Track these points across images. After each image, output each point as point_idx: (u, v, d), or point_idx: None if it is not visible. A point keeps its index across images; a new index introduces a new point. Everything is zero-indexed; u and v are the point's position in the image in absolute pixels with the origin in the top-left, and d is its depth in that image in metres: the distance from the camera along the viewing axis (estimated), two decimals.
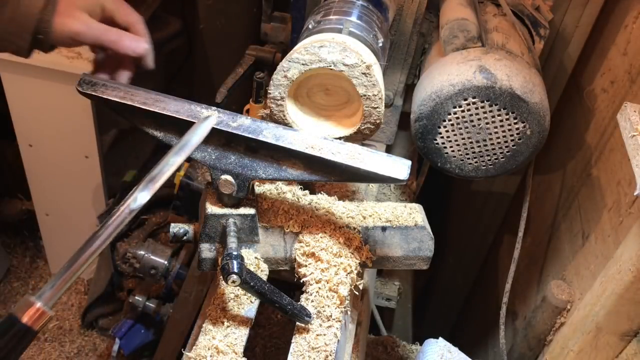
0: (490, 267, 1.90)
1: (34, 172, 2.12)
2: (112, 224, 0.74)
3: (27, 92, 1.91)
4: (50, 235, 2.35)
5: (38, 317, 0.66)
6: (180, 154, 0.80)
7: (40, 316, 0.66)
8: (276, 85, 0.92)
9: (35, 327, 0.66)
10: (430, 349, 1.07)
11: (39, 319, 0.66)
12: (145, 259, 1.88)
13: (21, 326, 0.65)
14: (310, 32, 1.02)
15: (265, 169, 0.86)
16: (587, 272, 1.19)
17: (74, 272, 0.70)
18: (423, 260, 0.96)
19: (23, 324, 0.65)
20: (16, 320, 0.65)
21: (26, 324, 0.66)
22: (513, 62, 1.10)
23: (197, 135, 0.83)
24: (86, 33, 0.86)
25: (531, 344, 1.30)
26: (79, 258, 0.71)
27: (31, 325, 0.66)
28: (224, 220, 0.88)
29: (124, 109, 0.86)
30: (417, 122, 1.14)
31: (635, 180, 0.83)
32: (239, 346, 0.82)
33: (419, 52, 1.34)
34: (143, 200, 0.76)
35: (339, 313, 0.85)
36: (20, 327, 0.65)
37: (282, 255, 0.93)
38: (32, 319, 0.66)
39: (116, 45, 0.88)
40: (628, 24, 1.27)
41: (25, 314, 0.66)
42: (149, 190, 0.77)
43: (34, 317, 0.66)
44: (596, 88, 1.37)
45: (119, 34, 0.89)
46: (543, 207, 1.56)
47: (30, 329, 0.66)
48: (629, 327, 0.96)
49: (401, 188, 1.39)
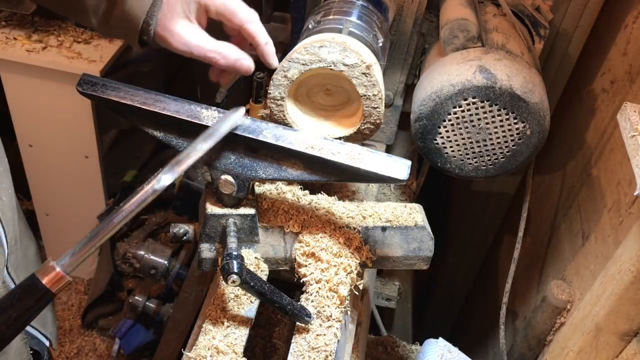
0: (490, 267, 1.90)
1: (34, 172, 2.13)
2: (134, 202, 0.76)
3: (27, 92, 1.91)
4: (50, 235, 2.36)
5: (57, 281, 0.70)
6: (208, 141, 0.81)
7: (59, 280, 0.70)
8: (276, 85, 0.92)
9: (53, 289, 0.70)
10: (430, 349, 1.07)
11: (58, 283, 0.70)
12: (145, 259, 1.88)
13: (41, 287, 0.69)
14: (310, 32, 1.02)
15: (265, 169, 0.86)
16: (587, 272, 1.19)
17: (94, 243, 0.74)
18: (423, 260, 0.96)
19: (43, 286, 0.69)
20: (37, 281, 0.69)
21: (46, 285, 0.69)
22: (513, 62, 1.10)
23: (227, 124, 0.83)
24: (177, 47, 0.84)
25: (531, 344, 1.30)
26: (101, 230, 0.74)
27: (50, 288, 0.70)
28: (224, 220, 0.88)
29: (124, 109, 0.86)
30: (417, 122, 1.14)
31: (635, 180, 0.83)
32: (239, 346, 0.82)
33: (419, 52, 1.34)
34: (167, 182, 0.78)
35: (339, 313, 0.85)
36: (41, 288, 0.69)
37: (282, 255, 0.93)
38: (51, 281, 0.70)
39: (213, 63, 0.85)
40: (628, 24, 1.27)
41: (45, 277, 0.70)
42: (173, 172, 0.79)
43: (53, 281, 0.70)
44: (596, 88, 1.37)
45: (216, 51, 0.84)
46: (543, 207, 1.56)
47: (49, 291, 0.70)
48: (629, 327, 0.96)
49: (401, 188, 1.39)
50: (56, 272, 0.70)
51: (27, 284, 0.70)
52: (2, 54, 1.81)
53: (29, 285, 0.70)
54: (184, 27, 0.83)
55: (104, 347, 2.33)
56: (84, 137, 1.98)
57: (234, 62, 0.84)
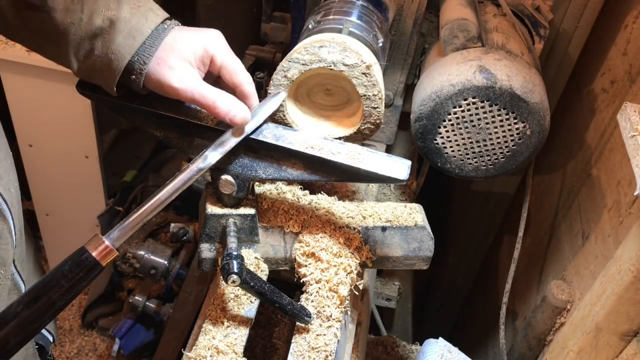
0: (490, 267, 1.90)
1: (34, 172, 2.13)
2: (180, 179, 0.79)
3: (27, 92, 1.91)
4: (50, 235, 2.36)
5: (106, 254, 0.72)
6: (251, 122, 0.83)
7: (108, 253, 0.72)
8: (276, 85, 0.92)
9: (102, 262, 0.72)
10: (430, 349, 1.07)
11: (107, 256, 0.72)
12: (145, 259, 1.88)
13: (91, 259, 0.71)
14: (310, 32, 1.02)
15: (265, 169, 0.86)
16: (587, 272, 1.19)
17: (141, 217, 0.76)
18: (423, 260, 0.96)
19: (93, 258, 0.71)
20: (87, 253, 0.71)
21: (95, 258, 0.71)
22: (513, 62, 1.10)
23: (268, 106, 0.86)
24: (180, 88, 0.79)
25: (531, 344, 1.30)
26: (147, 204, 0.76)
27: (99, 260, 0.72)
28: (224, 220, 0.88)
29: (124, 109, 0.86)
30: (417, 122, 1.14)
31: (635, 180, 0.83)
32: (239, 346, 0.82)
33: (419, 52, 1.34)
34: (213, 160, 0.81)
35: (339, 313, 0.85)
36: (90, 260, 0.71)
37: (282, 255, 0.93)
38: (100, 254, 0.72)
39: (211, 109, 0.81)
40: (628, 24, 1.27)
41: (95, 249, 0.71)
42: (218, 151, 0.82)
43: (103, 253, 0.72)
44: (596, 88, 1.37)
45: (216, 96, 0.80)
46: (543, 207, 1.56)
47: (98, 263, 0.72)
48: (629, 327, 0.96)
49: (401, 188, 1.39)
50: (105, 245, 0.72)
51: (78, 257, 0.71)
52: (2, 54, 1.81)
53: (80, 257, 0.71)
54: (184, 67, 0.80)
55: (104, 347, 2.33)
56: (84, 137, 1.98)
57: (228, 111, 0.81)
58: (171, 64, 0.79)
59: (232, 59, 0.84)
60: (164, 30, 0.80)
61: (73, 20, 0.76)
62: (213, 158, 0.81)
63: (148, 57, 0.78)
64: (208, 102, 0.80)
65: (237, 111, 0.81)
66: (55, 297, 0.70)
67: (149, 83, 0.80)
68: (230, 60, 0.83)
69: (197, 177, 0.80)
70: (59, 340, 2.32)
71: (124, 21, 0.76)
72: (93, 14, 0.76)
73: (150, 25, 0.78)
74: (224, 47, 0.84)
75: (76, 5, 0.76)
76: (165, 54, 0.79)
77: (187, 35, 0.81)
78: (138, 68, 0.78)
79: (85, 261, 0.71)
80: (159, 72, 0.79)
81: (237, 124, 0.82)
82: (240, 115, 0.81)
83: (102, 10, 0.76)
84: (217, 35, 0.84)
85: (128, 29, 0.76)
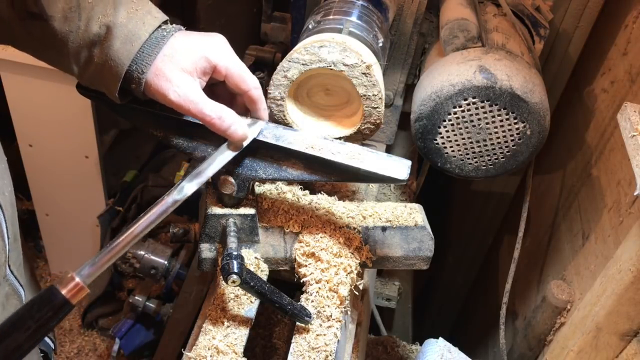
0: (490, 267, 1.90)
1: (34, 172, 2.12)
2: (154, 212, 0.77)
3: (27, 92, 1.91)
4: (50, 235, 2.36)
5: (77, 292, 0.70)
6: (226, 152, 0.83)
7: (78, 291, 0.70)
8: (276, 85, 0.92)
9: (73, 300, 0.69)
10: (430, 349, 1.07)
11: (77, 294, 0.70)
12: (145, 259, 1.88)
13: (60, 298, 0.69)
14: (310, 32, 1.02)
15: (265, 169, 0.86)
16: (587, 272, 1.19)
17: (113, 254, 0.73)
18: (423, 260, 0.96)
19: (62, 296, 0.69)
20: (56, 292, 0.69)
21: (65, 296, 0.69)
22: (513, 62, 1.10)
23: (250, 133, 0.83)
24: (176, 102, 0.77)
25: (531, 344, 1.30)
26: (120, 239, 0.74)
27: (69, 299, 0.69)
28: (224, 220, 0.88)
29: (124, 109, 0.86)
30: (417, 122, 1.14)
31: (635, 180, 0.83)
32: (239, 346, 0.82)
33: (419, 52, 1.34)
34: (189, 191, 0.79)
35: (339, 313, 0.85)
36: (60, 298, 0.69)
37: (282, 255, 0.93)
38: (70, 292, 0.69)
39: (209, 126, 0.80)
40: (628, 24, 1.27)
41: (65, 288, 0.69)
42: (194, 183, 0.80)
43: (73, 291, 0.69)
44: (596, 88, 1.37)
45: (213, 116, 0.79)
46: (543, 207, 1.56)
47: (68, 302, 0.69)
48: (629, 327, 0.96)
49: (401, 188, 1.39)
50: (75, 282, 0.69)
51: (47, 295, 0.69)
52: (2, 54, 1.81)
53: (48, 295, 0.69)
54: (183, 79, 0.78)
55: (104, 347, 2.33)
56: (84, 137, 1.98)
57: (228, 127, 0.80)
58: (169, 76, 0.77)
59: (237, 66, 0.82)
60: (163, 38, 0.78)
61: (71, 28, 0.75)
62: (189, 189, 0.79)
63: (146, 65, 0.76)
64: (206, 119, 0.79)
65: (237, 127, 0.80)
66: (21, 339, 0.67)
67: (149, 92, 0.79)
68: (235, 68, 0.81)
69: (172, 209, 0.78)
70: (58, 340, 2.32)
71: (120, 26, 0.75)
72: (90, 21, 0.75)
73: (147, 28, 0.76)
74: (227, 55, 0.81)
75: (74, 12, 0.75)
76: (164, 64, 0.77)
77: (187, 44, 0.79)
78: (137, 77, 0.77)
79: (55, 300, 0.68)
80: (157, 84, 0.77)
81: (236, 140, 0.82)
82: (240, 131, 0.81)
83: (99, 17, 0.75)
84: (219, 41, 0.82)
85: (125, 34, 0.75)
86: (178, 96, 0.77)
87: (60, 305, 0.69)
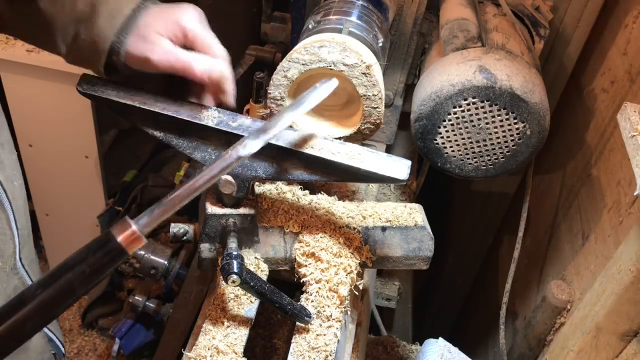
0: (490, 267, 1.90)
1: (34, 172, 2.12)
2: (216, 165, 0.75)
3: (27, 92, 1.91)
4: (50, 235, 2.35)
5: (132, 241, 0.68)
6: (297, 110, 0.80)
7: (134, 240, 0.68)
8: (276, 85, 0.92)
9: (128, 249, 0.68)
10: (430, 349, 1.07)
11: (133, 243, 0.68)
12: (145, 259, 1.88)
13: (116, 245, 0.67)
14: (310, 32, 1.02)
15: (265, 169, 0.86)
16: (587, 272, 1.19)
17: (173, 204, 0.71)
18: (423, 260, 0.96)
19: (118, 244, 0.67)
20: (113, 238, 0.67)
21: (121, 244, 0.67)
22: (513, 62, 1.10)
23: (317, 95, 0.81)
24: (157, 59, 0.80)
25: (531, 344, 1.30)
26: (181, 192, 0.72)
27: (125, 247, 0.67)
28: (224, 220, 0.88)
29: (124, 109, 0.86)
30: (417, 122, 1.14)
31: (635, 180, 0.83)
32: (239, 346, 0.82)
33: (419, 52, 1.34)
34: (253, 149, 0.77)
35: (339, 313, 0.85)
36: (115, 245, 0.67)
37: (282, 255, 0.93)
38: (126, 240, 0.68)
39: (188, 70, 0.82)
40: (628, 24, 1.27)
41: (121, 235, 0.67)
42: (260, 139, 0.77)
43: (129, 240, 0.68)
44: (596, 88, 1.37)
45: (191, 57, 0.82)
46: (543, 207, 1.56)
47: (123, 250, 0.67)
48: (629, 327, 0.96)
49: (401, 188, 1.39)
50: (132, 230, 0.68)
51: (103, 241, 0.68)
52: (2, 54, 1.81)
53: (105, 241, 0.67)
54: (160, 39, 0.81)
55: (104, 347, 2.33)
56: (84, 137, 1.98)
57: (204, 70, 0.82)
58: (148, 39, 0.81)
59: (205, 33, 0.85)
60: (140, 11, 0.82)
61: (57, 7, 0.78)
62: (254, 146, 0.77)
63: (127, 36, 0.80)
64: (185, 65, 0.81)
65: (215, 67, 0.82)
66: (76, 282, 0.66)
67: (130, 60, 0.82)
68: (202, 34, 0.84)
69: (235, 165, 0.77)
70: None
71: (104, 3, 0.79)
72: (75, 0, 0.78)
73: (130, 5, 0.80)
74: (196, 21, 0.84)
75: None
76: (141, 31, 0.81)
77: (161, 13, 0.83)
78: (117, 48, 0.80)
79: (110, 246, 0.67)
80: (138, 49, 0.81)
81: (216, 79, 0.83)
82: (218, 68, 0.82)
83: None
84: (191, 10, 0.85)
85: (109, 11, 0.79)
86: (159, 54, 0.80)
87: (116, 253, 0.67)
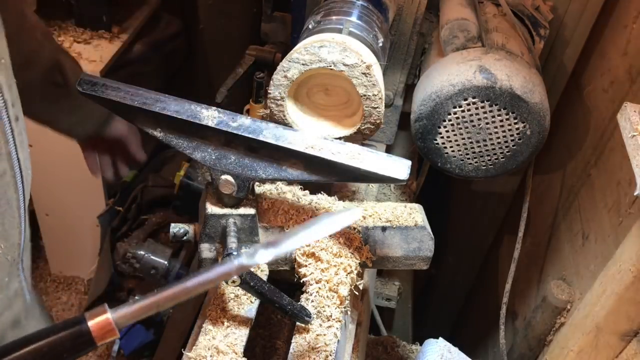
0: (490, 267, 1.90)
1: (34, 172, 2.12)
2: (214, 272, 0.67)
3: None
4: (50, 235, 2.35)
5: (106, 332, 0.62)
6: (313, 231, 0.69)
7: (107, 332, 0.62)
8: (276, 85, 0.92)
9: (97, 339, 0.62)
10: (430, 349, 1.07)
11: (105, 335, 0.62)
12: (145, 259, 1.88)
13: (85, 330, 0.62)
14: (310, 32, 1.02)
15: (265, 169, 0.86)
16: (587, 272, 1.19)
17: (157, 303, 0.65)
18: (423, 260, 0.96)
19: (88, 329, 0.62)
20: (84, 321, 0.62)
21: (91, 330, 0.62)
22: (513, 62, 1.10)
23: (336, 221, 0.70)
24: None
25: (531, 344, 1.30)
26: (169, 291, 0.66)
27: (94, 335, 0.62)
28: (224, 220, 0.88)
29: (124, 109, 0.86)
30: (417, 122, 1.14)
31: (635, 180, 0.83)
32: (239, 346, 0.82)
33: (419, 52, 1.34)
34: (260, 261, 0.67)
35: (339, 313, 0.85)
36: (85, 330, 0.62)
37: (282, 255, 0.93)
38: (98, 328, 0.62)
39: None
40: (628, 24, 1.27)
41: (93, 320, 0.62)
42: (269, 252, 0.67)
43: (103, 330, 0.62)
44: (596, 88, 1.37)
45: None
46: (543, 207, 1.56)
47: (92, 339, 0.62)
48: (629, 327, 0.96)
49: (401, 188, 1.39)
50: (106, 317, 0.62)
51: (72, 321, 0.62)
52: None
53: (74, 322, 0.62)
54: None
55: (104, 347, 2.33)
56: None
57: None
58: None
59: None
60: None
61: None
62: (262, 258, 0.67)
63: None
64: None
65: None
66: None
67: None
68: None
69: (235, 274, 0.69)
70: None
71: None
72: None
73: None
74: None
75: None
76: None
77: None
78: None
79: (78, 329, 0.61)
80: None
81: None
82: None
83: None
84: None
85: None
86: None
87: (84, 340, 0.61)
